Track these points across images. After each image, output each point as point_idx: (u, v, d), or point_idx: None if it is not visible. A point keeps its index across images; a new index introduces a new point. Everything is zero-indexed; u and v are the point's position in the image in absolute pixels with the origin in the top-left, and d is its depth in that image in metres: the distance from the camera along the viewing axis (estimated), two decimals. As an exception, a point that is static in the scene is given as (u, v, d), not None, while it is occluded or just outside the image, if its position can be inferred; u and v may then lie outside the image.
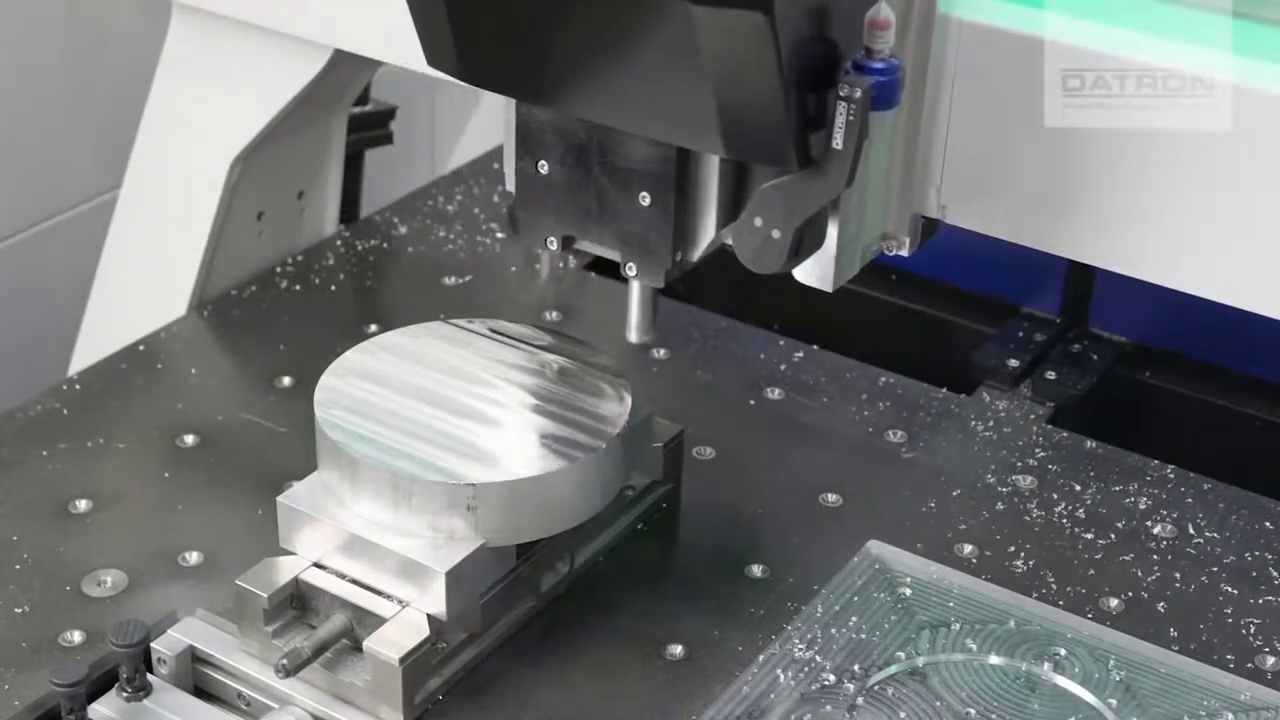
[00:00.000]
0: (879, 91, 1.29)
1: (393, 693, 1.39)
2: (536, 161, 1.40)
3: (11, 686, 1.43)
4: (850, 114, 1.27)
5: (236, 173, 1.95)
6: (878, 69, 1.30)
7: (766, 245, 1.34)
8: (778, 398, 1.81)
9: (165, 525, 1.61)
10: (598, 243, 1.41)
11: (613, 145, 1.36)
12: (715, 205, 1.38)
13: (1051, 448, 1.74)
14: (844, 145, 1.28)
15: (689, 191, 1.37)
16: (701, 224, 1.39)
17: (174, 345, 1.88)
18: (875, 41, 1.29)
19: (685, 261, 1.40)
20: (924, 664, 1.45)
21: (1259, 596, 1.56)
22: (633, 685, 1.46)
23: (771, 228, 1.33)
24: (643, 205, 1.36)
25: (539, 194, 1.41)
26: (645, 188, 1.36)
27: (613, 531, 1.59)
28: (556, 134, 1.38)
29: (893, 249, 1.51)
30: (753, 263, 1.36)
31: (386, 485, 1.42)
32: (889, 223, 1.50)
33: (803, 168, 1.30)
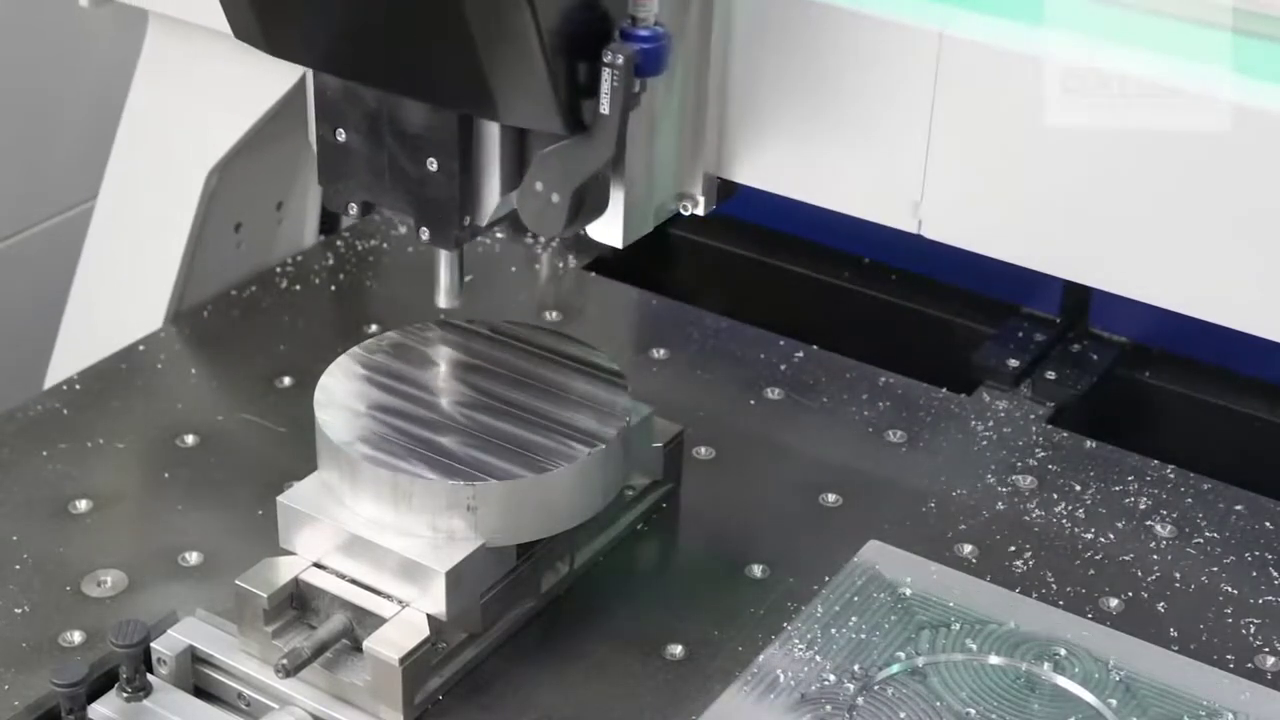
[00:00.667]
0: (644, 59, 1.33)
1: (393, 693, 1.39)
2: (334, 129, 1.43)
3: (11, 686, 1.43)
4: (615, 80, 1.32)
5: (214, 183, 1.95)
6: (642, 36, 1.33)
7: (548, 209, 1.38)
8: (778, 398, 1.81)
9: (165, 525, 1.61)
10: (393, 209, 1.45)
11: (401, 113, 1.40)
12: (499, 170, 1.41)
13: (1051, 448, 1.74)
14: (610, 110, 1.33)
15: (473, 158, 1.41)
16: (487, 189, 1.42)
17: (174, 345, 1.88)
18: (639, 10, 1.34)
19: (474, 226, 1.44)
20: (924, 664, 1.45)
21: (1259, 596, 1.56)
22: (633, 685, 1.46)
23: (551, 192, 1.37)
24: (431, 171, 1.40)
25: (338, 161, 1.45)
26: (432, 154, 1.40)
27: (613, 531, 1.59)
28: (351, 103, 1.42)
29: (688, 208, 1.58)
30: (535, 225, 1.41)
31: (386, 485, 1.42)
32: (683, 182, 1.57)
33: (575, 133, 1.35)
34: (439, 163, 1.40)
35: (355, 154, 1.43)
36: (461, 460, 1.43)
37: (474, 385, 1.53)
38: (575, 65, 1.32)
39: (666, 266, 2.10)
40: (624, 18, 1.34)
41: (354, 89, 1.41)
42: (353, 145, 1.43)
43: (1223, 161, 1.41)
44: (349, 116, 1.42)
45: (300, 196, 2.09)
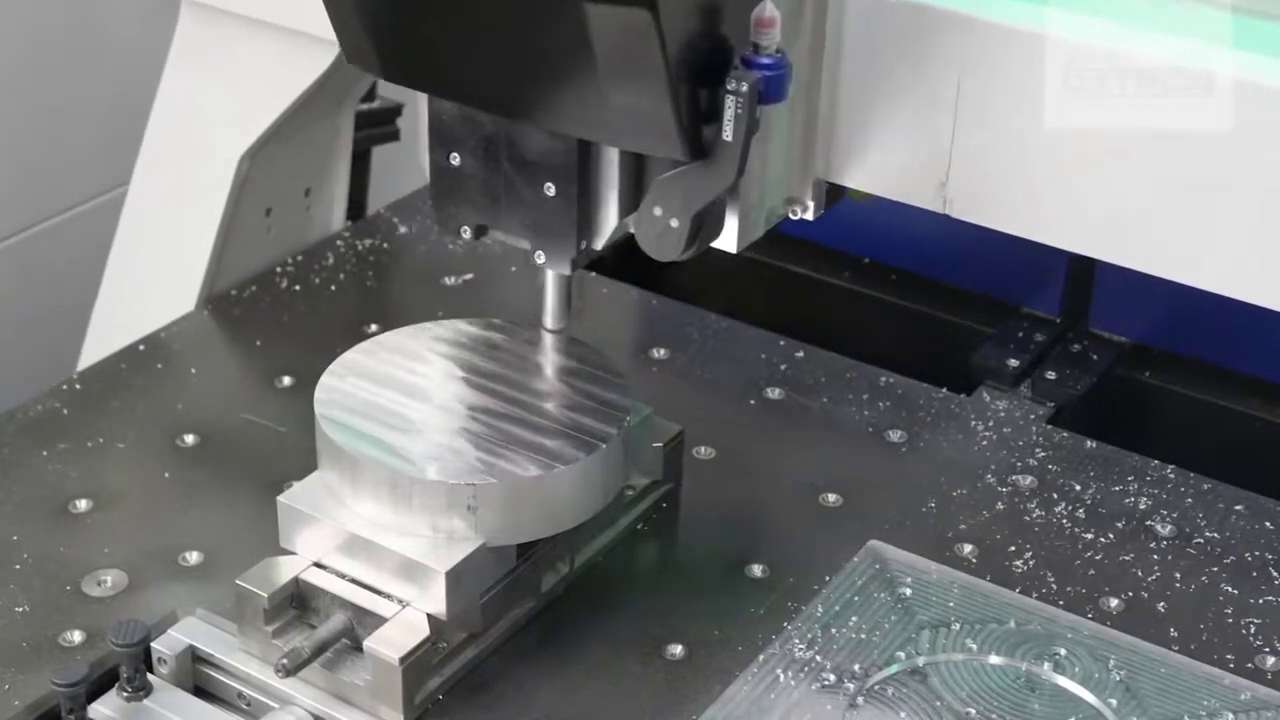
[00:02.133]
0: (766, 86, 1.33)
1: (393, 693, 1.39)
2: (449, 154, 1.44)
3: (11, 686, 1.43)
4: (738, 108, 1.32)
5: (245, 169, 1.96)
6: (764, 64, 1.34)
7: (666, 233, 1.39)
8: (778, 398, 1.81)
9: (165, 525, 1.61)
10: (508, 232, 1.45)
11: (518, 138, 1.40)
12: (617, 195, 1.42)
13: (1051, 448, 1.74)
14: (733, 138, 1.33)
15: (591, 182, 1.42)
16: (604, 213, 1.43)
17: (174, 345, 1.88)
18: (761, 38, 1.34)
19: (590, 250, 1.45)
20: (924, 664, 1.45)
21: (1259, 596, 1.56)
22: (633, 685, 1.46)
23: (670, 217, 1.38)
24: (548, 196, 1.41)
25: (452, 185, 1.45)
26: (550, 179, 1.40)
27: (613, 531, 1.59)
28: (466, 127, 1.42)
29: (797, 213, 1.58)
30: (654, 250, 1.41)
31: (386, 485, 1.42)
32: (792, 187, 1.57)
33: (695, 160, 1.35)
34: (557, 187, 1.41)
35: (470, 178, 1.44)
36: (461, 460, 1.43)
37: (474, 385, 1.53)
38: (698, 92, 1.33)
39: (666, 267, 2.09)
40: (745, 44, 1.34)
41: (471, 113, 1.41)
42: (467, 169, 1.44)
43: (1248, 141, 1.41)
44: (464, 141, 1.43)
45: (329, 183, 2.10)
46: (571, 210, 1.41)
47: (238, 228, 1.98)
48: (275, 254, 2.03)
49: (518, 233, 1.44)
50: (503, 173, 1.42)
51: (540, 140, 1.39)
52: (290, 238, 2.06)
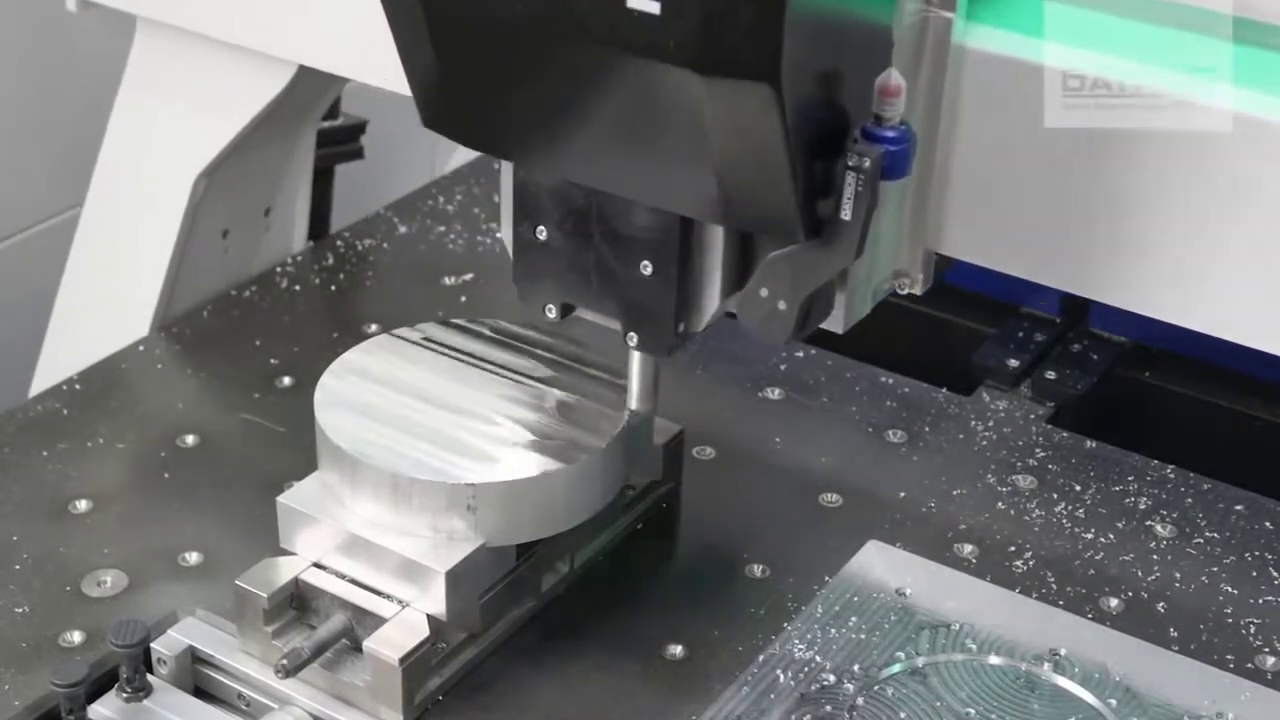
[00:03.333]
0: (889, 160, 1.24)
1: (393, 693, 1.39)
2: (535, 227, 1.35)
3: (11, 686, 1.43)
4: (859, 185, 1.23)
5: (200, 189, 1.92)
6: (889, 137, 1.24)
7: (773, 316, 1.29)
8: (778, 398, 1.81)
9: (165, 525, 1.61)
10: (599, 311, 1.36)
11: (613, 212, 1.31)
12: (720, 275, 1.33)
13: (1051, 448, 1.74)
14: (853, 216, 1.23)
15: (692, 261, 1.32)
16: (706, 294, 1.34)
17: (173, 346, 1.88)
18: (885, 109, 1.24)
19: (689, 332, 1.35)
20: (924, 664, 1.45)
21: (1259, 596, 1.56)
22: (633, 685, 1.46)
23: (778, 299, 1.28)
24: (644, 274, 1.32)
25: (537, 260, 1.36)
26: (647, 256, 1.31)
27: (613, 531, 1.59)
28: (555, 199, 1.33)
29: (905, 287, 1.48)
30: (760, 334, 1.31)
31: (386, 485, 1.42)
32: (901, 260, 1.46)
33: (810, 238, 1.25)
34: (654, 266, 1.31)
35: (557, 253, 1.34)
36: (461, 460, 1.43)
37: (474, 385, 1.53)
38: (814, 166, 1.22)
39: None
40: (864, 113, 1.24)
41: (562, 185, 1.32)
42: (555, 244, 1.34)
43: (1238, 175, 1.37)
44: (552, 214, 1.33)
45: (289, 203, 2.06)
46: (670, 291, 1.31)
47: (194, 250, 1.94)
48: (233, 276, 1.99)
49: (610, 313, 1.35)
50: (594, 248, 1.32)
51: (639, 215, 1.30)
52: (249, 259, 2.02)
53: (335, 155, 2.26)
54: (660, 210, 1.29)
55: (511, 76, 1.25)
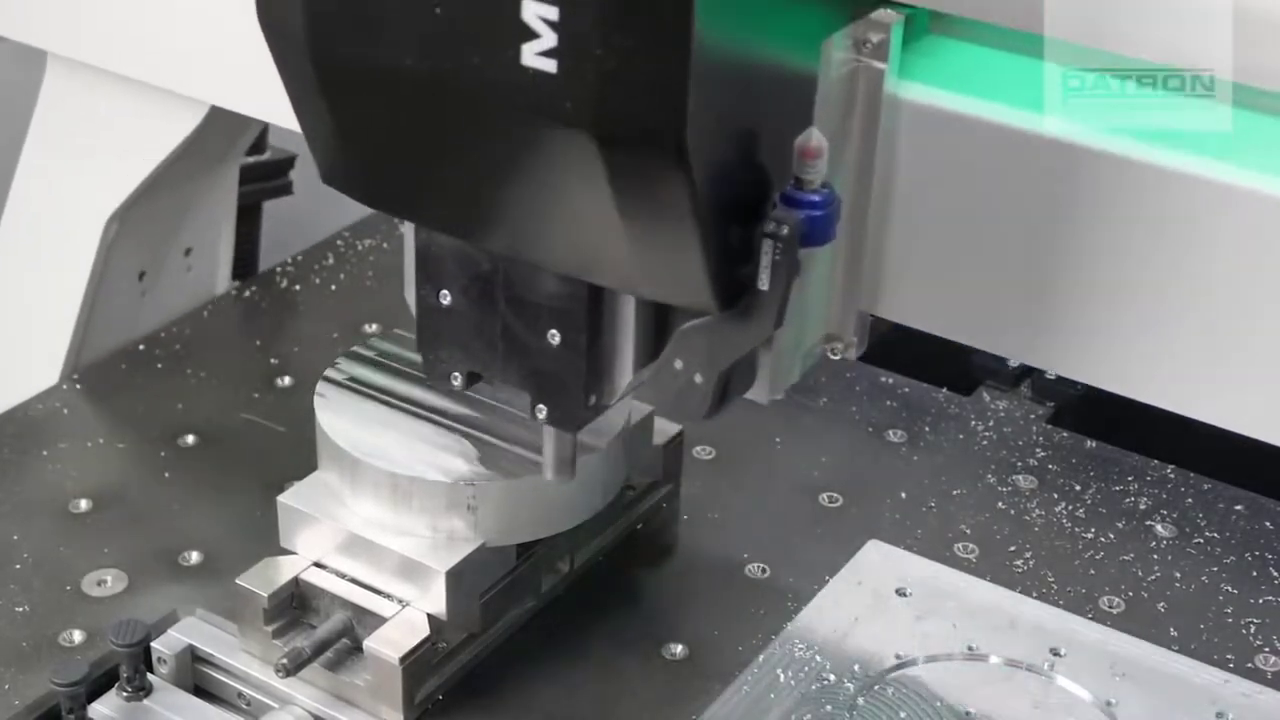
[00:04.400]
0: (810, 227, 1.14)
1: (393, 693, 1.39)
2: (438, 291, 1.27)
3: (11, 686, 1.43)
4: (777, 253, 1.13)
5: (113, 231, 1.83)
6: (809, 201, 1.14)
7: (688, 391, 1.19)
8: (778, 398, 1.81)
9: (165, 525, 1.61)
10: (506, 382, 1.28)
11: (519, 277, 1.22)
12: (633, 345, 1.24)
13: (1051, 448, 1.74)
14: (771, 286, 1.14)
15: (603, 330, 1.23)
16: (618, 365, 1.25)
17: (174, 345, 1.88)
18: (806, 171, 1.14)
19: (602, 404, 1.26)
20: (924, 664, 1.45)
21: (1259, 596, 1.56)
22: (633, 685, 1.46)
23: (693, 372, 1.19)
24: (552, 344, 1.23)
25: (441, 327, 1.28)
26: (554, 325, 1.22)
27: (613, 531, 1.59)
28: (459, 262, 1.25)
29: (838, 352, 1.36)
30: (673, 412, 1.22)
31: (386, 485, 1.42)
32: (832, 324, 1.35)
33: (726, 309, 1.16)
34: (562, 335, 1.22)
35: (462, 319, 1.26)
36: (461, 460, 1.43)
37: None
38: (730, 231, 1.13)
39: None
40: (786, 175, 1.15)
41: (463, 247, 1.24)
42: (459, 309, 1.26)
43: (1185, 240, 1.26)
44: (456, 277, 1.25)
45: (212, 242, 1.98)
46: (580, 361, 1.22)
47: (107, 293, 1.86)
48: (152, 320, 1.91)
49: (517, 384, 1.27)
50: (500, 315, 1.24)
51: (545, 281, 1.21)
52: (169, 301, 1.93)
53: (262, 191, 2.16)
54: (567, 276, 1.21)
55: (407, 133, 1.16)
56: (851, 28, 1.23)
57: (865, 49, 1.25)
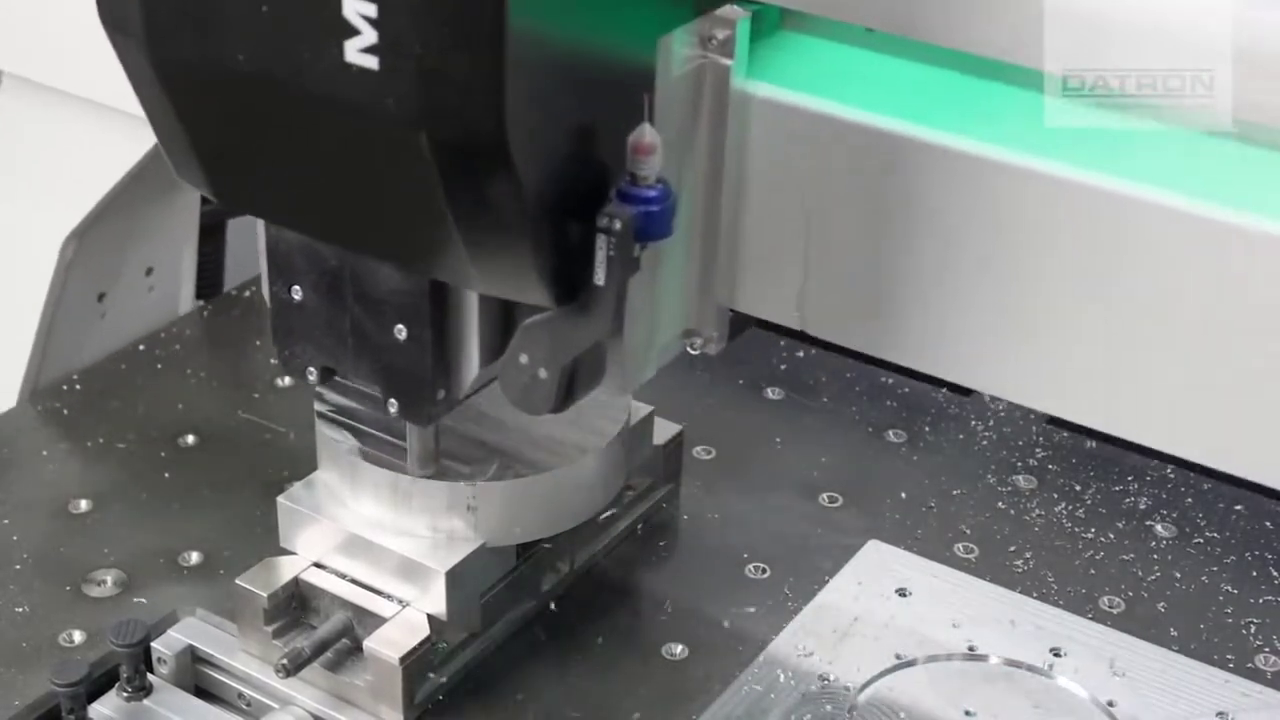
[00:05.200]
0: (645, 222, 1.15)
1: (393, 693, 1.39)
2: (289, 286, 1.28)
3: (11, 686, 1.43)
4: (610, 249, 1.14)
5: (70, 251, 1.82)
6: (643, 197, 1.15)
7: (534, 385, 1.21)
8: (778, 398, 1.81)
9: (165, 525, 1.61)
10: (356, 377, 1.30)
11: (365, 273, 1.24)
12: (478, 340, 1.26)
13: (1051, 448, 1.74)
14: (606, 282, 1.15)
15: (448, 325, 1.25)
16: (464, 360, 1.27)
17: (173, 345, 1.88)
18: (640, 167, 1.15)
19: (451, 399, 1.28)
20: (924, 664, 1.45)
21: (1259, 596, 1.56)
22: (633, 685, 1.46)
23: (538, 366, 1.21)
24: (399, 339, 1.25)
25: (294, 322, 1.30)
26: (401, 320, 1.24)
27: (613, 531, 1.59)
28: (307, 258, 1.26)
29: (698, 347, 1.39)
30: (521, 404, 1.23)
31: (386, 485, 1.42)
32: (691, 319, 1.38)
33: (564, 304, 1.18)
34: (409, 330, 1.24)
35: (314, 315, 1.28)
36: (462, 460, 1.43)
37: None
38: (565, 229, 1.15)
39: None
40: (623, 174, 1.16)
41: (311, 243, 1.26)
42: (310, 305, 1.28)
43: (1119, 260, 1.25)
44: (305, 274, 1.27)
45: (172, 262, 1.96)
46: (426, 356, 1.24)
47: (66, 313, 1.84)
48: (112, 341, 1.88)
49: (367, 379, 1.28)
50: (349, 311, 1.26)
51: (390, 277, 1.23)
52: (130, 322, 1.91)
53: (225, 210, 2.16)
54: (410, 273, 1.22)
55: (246, 130, 1.18)
56: (696, 24, 1.25)
57: (711, 45, 1.27)
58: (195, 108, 1.19)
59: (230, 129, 1.19)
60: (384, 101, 1.07)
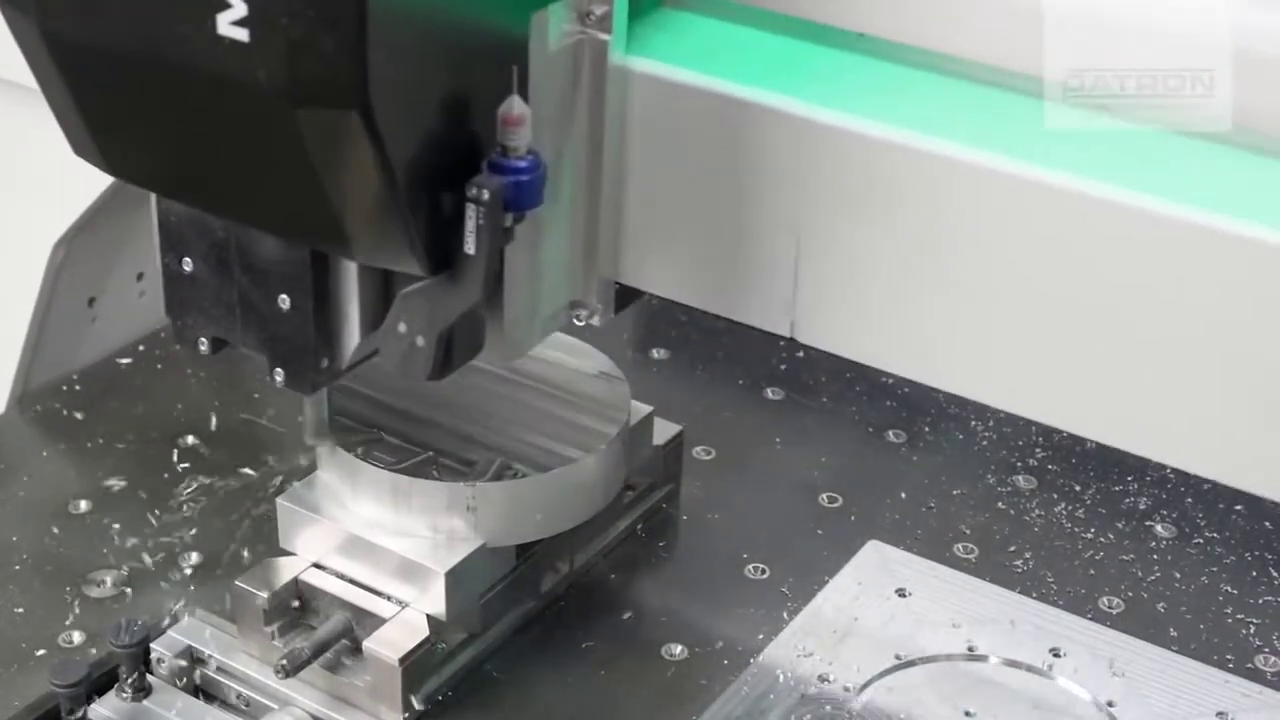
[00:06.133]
0: (515, 192, 1.18)
1: (393, 693, 1.39)
2: (180, 258, 1.32)
3: (11, 686, 1.43)
4: (480, 218, 1.17)
5: (60, 257, 1.81)
6: (513, 168, 1.18)
7: (412, 353, 1.24)
8: (778, 398, 1.81)
9: (165, 525, 1.61)
10: (246, 346, 1.32)
11: (250, 244, 1.27)
12: (358, 310, 1.29)
13: (1051, 448, 1.74)
14: (476, 251, 1.18)
15: (330, 295, 1.28)
16: (346, 329, 1.30)
17: (173, 345, 1.88)
18: (510, 138, 1.18)
19: (334, 368, 1.31)
20: (924, 664, 1.45)
21: (1259, 596, 1.56)
22: (633, 685, 1.46)
23: (415, 334, 1.24)
24: (283, 309, 1.28)
25: (185, 293, 1.33)
26: (283, 290, 1.27)
27: (613, 531, 1.59)
28: (196, 230, 1.30)
29: (583, 318, 1.43)
30: (400, 371, 1.26)
31: (386, 485, 1.42)
32: (576, 291, 1.41)
33: (437, 273, 1.21)
34: (292, 300, 1.27)
35: (203, 286, 1.31)
36: (461, 460, 1.43)
37: (474, 386, 1.53)
38: (438, 199, 1.18)
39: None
40: (495, 145, 1.19)
41: (200, 216, 1.29)
42: (200, 276, 1.31)
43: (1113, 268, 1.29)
44: (195, 245, 1.30)
45: None
46: (308, 326, 1.27)
47: (56, 318, 1.84)
48: (103, 347, 1.87)
49: (255, 348, 1.31)
50: (236, 282, 1.29)
51: (272, 247, 1.26)
52: (121, 328, 1.90)
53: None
54: (290, 243, 1.25)
55: (131, 104, 1.21)
56: (575, 0, 1.28)
57: (589, 21, 1.31)
58: (84, 82, 1.21)
59: (117, 102, 1.21)
60: (255, 74, 1.10)
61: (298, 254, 1.25)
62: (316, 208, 1.16)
